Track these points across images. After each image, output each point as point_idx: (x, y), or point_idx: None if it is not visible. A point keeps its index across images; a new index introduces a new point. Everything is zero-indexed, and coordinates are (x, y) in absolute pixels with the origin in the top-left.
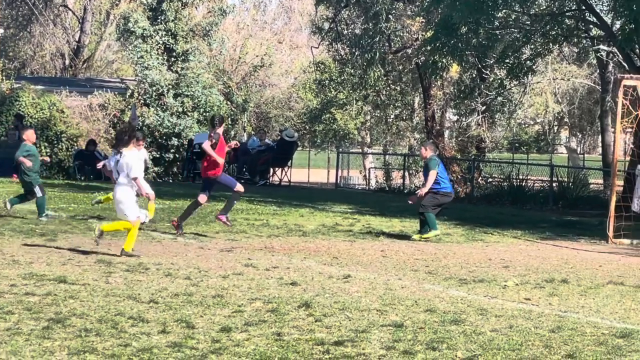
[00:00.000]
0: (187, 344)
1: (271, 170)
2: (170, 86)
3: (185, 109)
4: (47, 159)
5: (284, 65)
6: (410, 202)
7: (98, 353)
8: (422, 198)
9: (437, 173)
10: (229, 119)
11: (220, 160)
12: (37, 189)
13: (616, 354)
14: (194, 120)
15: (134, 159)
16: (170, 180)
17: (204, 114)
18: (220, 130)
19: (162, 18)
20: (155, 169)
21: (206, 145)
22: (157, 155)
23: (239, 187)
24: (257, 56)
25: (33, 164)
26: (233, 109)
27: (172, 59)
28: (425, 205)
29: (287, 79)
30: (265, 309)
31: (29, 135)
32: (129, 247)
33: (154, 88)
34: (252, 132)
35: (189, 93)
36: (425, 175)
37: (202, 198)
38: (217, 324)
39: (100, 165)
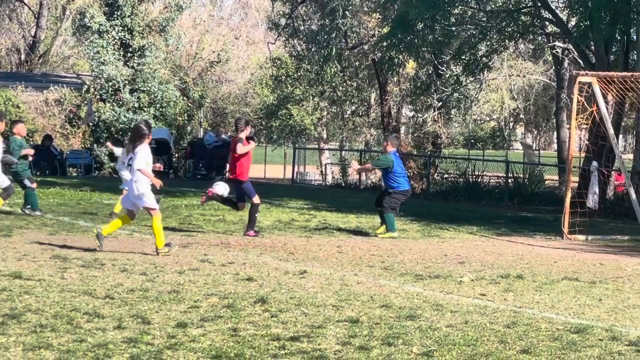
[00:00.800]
0: (142, 340)
1: (227, 165)
2: (127, 82)
3: (142, 105)
4: (31, 151)
5: (241, 61)
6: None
7: (53, 349)
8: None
9: (393, 171)
10: (185, 114)
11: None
12: (26, 181)
13: (571, 349)
14: (150, 115)
15: (146, 153)
16: None
17: (160, 109)
18: (245, 133)
19: (119, 13)
20: (111, 164)
21: (243, 149)
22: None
23: (257, 200)
24: (213, 52)
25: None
26: (189, 104)
27: (129, 54)
28: (385, 207)
29: (244, 75)
30: (221, 305)
31: (20, 129)
32: (161, 244)
33: (110, 83)
34: (209, 128)
35: (145, 89)
36: (385, 169)
37: (256, 199)
38: (173, 320)
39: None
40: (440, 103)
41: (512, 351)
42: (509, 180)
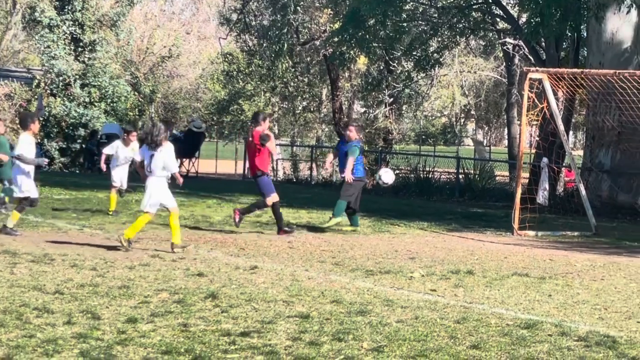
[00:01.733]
0: (92, 335)
1: (179, 161)
2: (78, 76)
3: (93, 100)
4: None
5: (192, 56)
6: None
7: (2, 344)
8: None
9: (357, 159)
10: (136, 109)
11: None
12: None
13: (520, 344)
14: (101, 110)
15: (171, 153)
16: (77, 171)
17: (111, 104)
18: (263, 127)
19: (69, 8)
20: (62, 159)
21: (273, 144)
22: (64, 146)
23: (274, 198)
24: (165, 47)
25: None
26: (140, 99)
27: (80, 49)
28: (342, 195)
29: (195, 70)
30: (171, 300)
31: None
32: (178, 240)
33: (61, 78)
34: (160, 123)
35: (96, 83)
36: (342, 158)
37: (269, 200)
38: (123, 315)
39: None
40: (392, 99)
41: (462, 346)
42: (460, 176)
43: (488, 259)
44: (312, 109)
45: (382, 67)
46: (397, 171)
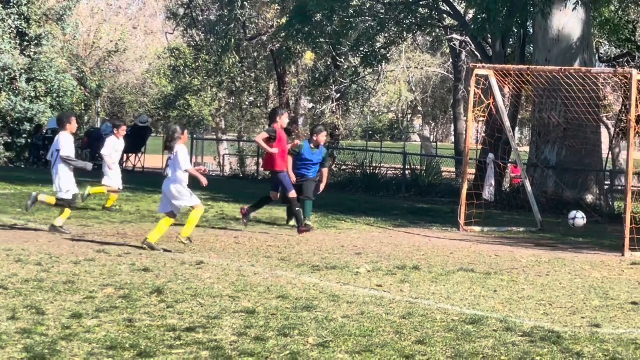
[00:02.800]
0: (37, 331)
1: (125, 156)
2: (23, 71)
3: (38, 94)
4: None
5: (139, 51)
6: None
7: None
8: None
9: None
10: (82, 104)
11: (274, 151)
12: None
13: (465, 340)
14: (47, 105)
15: (185, 153)
16: (22, 166)
17: (57, 99)
18: (278, 125)
19: (15, 2)
20: (7, 154)
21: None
22: (9, 141)
23: (292, 194)
24: (111, 41)
25: None
26: (87, 94)
27: (25, 43)
28: (309, 196)
29: (142, 65)
30: (117, 295)
31: None
32: (187, 234)
33: (6, 72)
34: (106, 118)
35: (42, 78)
36: (317, 164)
37: (292, 193)
38: (68, 310)
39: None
40: (339, 95)
41: (407, 342)
42: (407, 172)
43: (434, 255)
44: (259, 105)
45: (329, 63)
46: (344, 167)
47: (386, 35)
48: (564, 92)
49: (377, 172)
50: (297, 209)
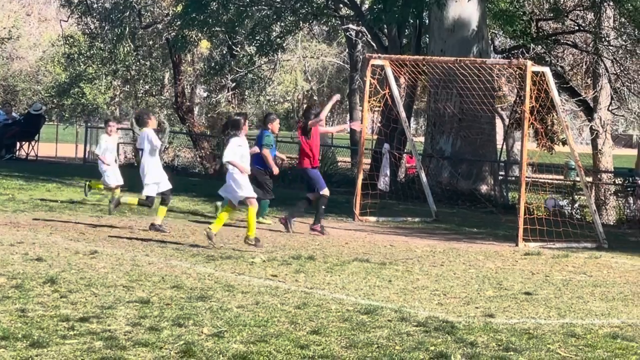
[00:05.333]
0: None
1: (18, 144)
2: None
3: None
4: None
5: (32, 38)
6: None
7: None
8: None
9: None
10: None
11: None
12: None
13: (360, 330)
14: None
15: (230, 144)
16: None
17: None
18: (313, 122)
19: None
20: None
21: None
22: None
23: (325, 192)
24: (4, 28)
25: None
26: None
27: None
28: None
29: (36, 52)
30: (9, 285)
31: None
32: (253, 233)
33: None
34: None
35: None
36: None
37: (325, 191)
38: None
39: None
40: (234, 84)
41: (302, 332)
42: None
43: (329, 245)
44: (154, 93)
45: (225, 52)
46: None
47: (282, 24)
48: (459, 82)
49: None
50: (322, 207)
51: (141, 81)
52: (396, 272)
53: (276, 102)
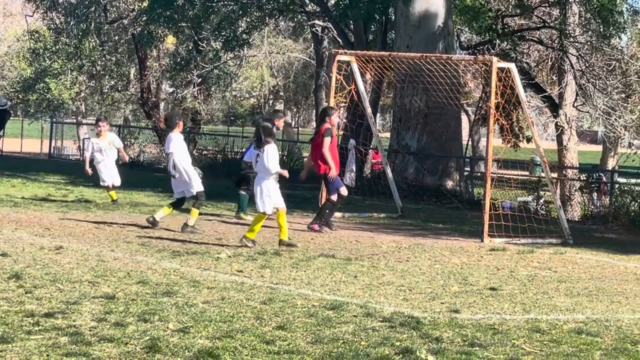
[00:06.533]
0: None
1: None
2: None
3: None
4: None
5: None
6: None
7: None
8: None
9: None
10: None
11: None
12: None
13: (326, 325)
14: None
15: (271, 153)
16: None
17: None
18: (331, 123)
19: None
20: None
21: (326, 143)
22: None
23: (343, 192)
24: None
25: None
26: None
27: None
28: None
29: (0, 47)
30: None
31: None
32: (285, 236)
33: None
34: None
35: None
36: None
37: (334, 196)
38: None
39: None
40: (200, 79)
41: (268, 327)
42: None
43: (295, 240)
44: (119, 89)
45: (191, 47)
46: (205, 152)
47: (248, 19)
48: (425, 78)
49: (238, 157)
50: (329, 209)
51: (107, 77)
52: (362, 267)
53: (242, 98)
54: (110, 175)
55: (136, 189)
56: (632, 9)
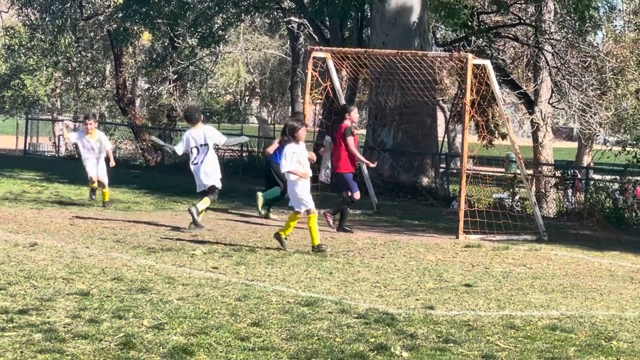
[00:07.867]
0: None
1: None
2: None
3: None
4: None
5: None
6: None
7: None
8: None
9: None
10: None
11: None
12: None
13: (301, 322)
14: None
15: (289, 152)
16: None
17: None
18: (351, 120)
19: None
20: None
21: (350, 142)
22: None
23: (356, 196)
24: None
25: None
26: None
27: None
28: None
29: None
30: None
31: None
32: (317, 241)
33: None
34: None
35: None
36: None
37: (346, 194)
38: None
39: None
40: (176, 76)
41: (242, 324)
42: (244, 154)
43: (270, 237)
44: (95, 85)
45: (166, 44)
46: None
47: (224, 16)
48: (401, 75)
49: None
50: (345, 207)
51: (82, 73)
52: (337, 264)
53: (218, 94)
54: (95, 171)
55: (111, 185)
56: (607, 4)
